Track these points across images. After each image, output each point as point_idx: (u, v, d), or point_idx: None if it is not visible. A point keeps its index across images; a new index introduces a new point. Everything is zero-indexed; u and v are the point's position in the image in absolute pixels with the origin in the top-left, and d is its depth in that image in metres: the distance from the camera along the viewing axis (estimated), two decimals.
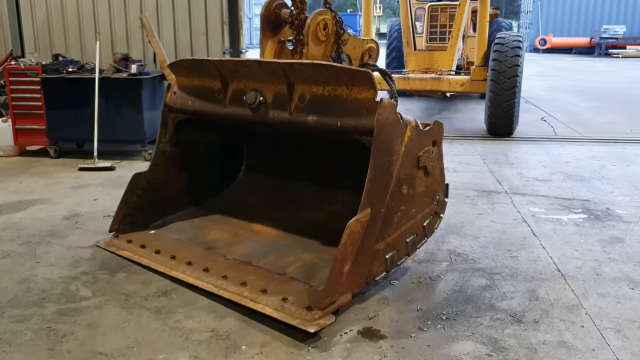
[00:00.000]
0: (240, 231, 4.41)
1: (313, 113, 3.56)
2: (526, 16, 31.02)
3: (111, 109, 7.16)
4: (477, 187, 6.06)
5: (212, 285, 3.66)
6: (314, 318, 3.17)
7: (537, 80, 16.47)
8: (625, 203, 5.54)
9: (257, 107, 3.77)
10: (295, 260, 3.90)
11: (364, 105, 3.35)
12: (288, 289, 3.49)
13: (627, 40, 27.37)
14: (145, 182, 4.41)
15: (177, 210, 4.69)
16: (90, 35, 8.26)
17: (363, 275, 3.43)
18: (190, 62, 4.26)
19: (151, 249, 4.17)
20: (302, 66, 3.58)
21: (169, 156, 4.49)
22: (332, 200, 4.54)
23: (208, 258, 3.99)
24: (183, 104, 4.29)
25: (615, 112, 11.15)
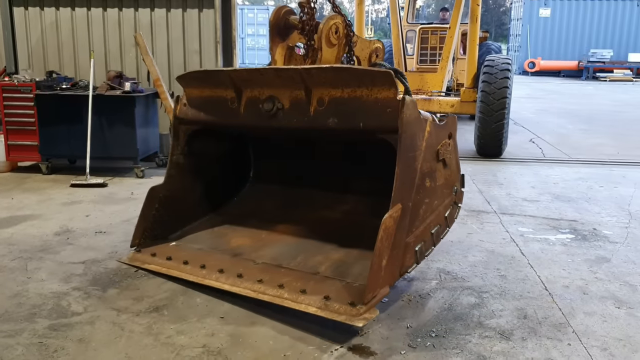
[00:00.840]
0: (262, 236, 4.48)
1: (333, 115, 3.63)
2: (515, 39, 31.47)
3: (104, 126, 7.20)
4: (467, 207, 6.12)
5: (249, 290, 3.71)
6: (360, 313, 3.26)
7: (526, 102, 16.68)
8: (612, 224, 5.62)
9: (275, 113, 3.82)
10: (324, 259, 4.00)
11: (386, 104, 3.43)
12: (326, 287, 3.57)
13: (614, 64, 27.80)
14: (162, 195, 4.43)
15: (194, 220, 4.72)
16: (84, 53, 8.33)
17: (397, 268, 3.52)
18: (202, 73, 4.32)
19: (178, 260, 4.18)
20: (320, 71, 3.66)
21: (183, 167, 4.52)
22: (344, 200, 4.68)
23: (238, 264, 4.03)
24: (195, 115, 4.31)
25: (602, 135, 11.31)
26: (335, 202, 4.72)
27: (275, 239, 4.43)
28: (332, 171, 4.82)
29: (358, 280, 3.58)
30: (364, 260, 3.77)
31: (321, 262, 3.97)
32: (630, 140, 10.71)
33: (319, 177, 4.89)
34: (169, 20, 8.33)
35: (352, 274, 3.74)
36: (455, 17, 9.34)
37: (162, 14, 8.32)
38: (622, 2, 30.32)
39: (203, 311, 3.68)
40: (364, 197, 4.19)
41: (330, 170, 4.82)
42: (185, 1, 8.27)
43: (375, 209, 4.18)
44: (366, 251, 3.80)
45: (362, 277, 3.57)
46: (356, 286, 3.52)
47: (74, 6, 8.39)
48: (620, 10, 29.43)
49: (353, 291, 3.46)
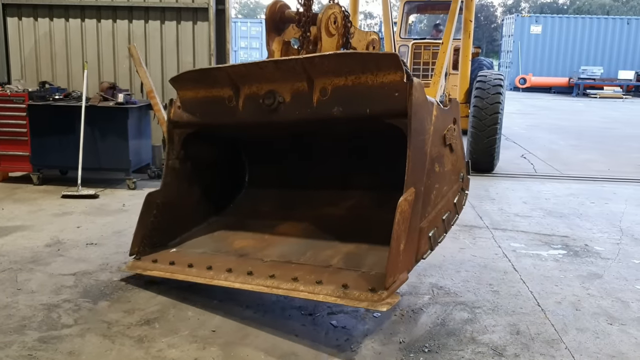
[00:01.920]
0: (265, 236, 4.38)
1: (338, 104, 3.54)
2: (506, 55, 31.72)
3: (96, 137, 7.18)
4: (459, 222, 6.06)
5: (262, 286, 3.61)
6: (382, 298, 3.16)
7: (517, 118, 16.79)
8: (604, 240, 5.65)
9: (276, 108, 3.74)
10: (334, 253, 3.90)
11: (394, 88, 3.35)
12: (342, 277, 3.48)
13: (605, 81, 28.06)
14: (160, 201, 4.33)
15: (192, 226, 4.63)
16: (78, 64, 8.32)
17: (413, 253, 3.43)
18: (197, 72, 4.21)
19: (182, 264, 4.06)
20: (323, 58, 3.57)
21: (179, 173, 4.43)
22: (346, 196, 4.59)
23: (246, 263, 3.92)
24: (190, 118, 4.22)
25: (593, 151, 11.40)
26: (337, 198, 4.63)
27: (280, 238, 4.33)
28: (331, 168, 4.72)
29: (374, 269, 3.50)
30: (376, 252, 3.72)
31: (332, 255, 3.88)
32: (620, 157, 10.79)
33: (317, 176, 4.80)
34: (163, 32, 8.35)
35: (366, 264, 3.64)
36: (448, 32, 9.41)
37: (156, 26, 8.34)
38: (612, 20, 30.72)
39: (194, 324, 3.65)
40: (367, 192, 4.17)
41: (329, 167, 4.73)
42: (180, 13, 8.30)
43: (379, 202, 4.29)
44: (376, 244, 3.79)
45: (378, 267, 3.50)
46: (373, 274, 3.44)
47: (67, 17, 8.40)
48: (610, 28, 29.78)
49: (371, 279, 3.37)
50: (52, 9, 8.39)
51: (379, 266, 3.49)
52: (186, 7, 8.24)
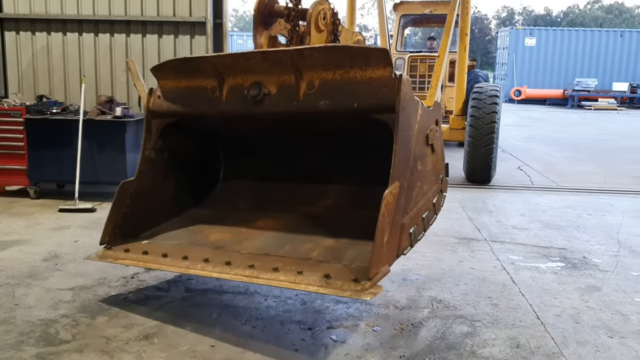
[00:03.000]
0: (242, 230, 4.30)
1: (324, 98, 3.53)
2: (501, 68, 31.90)
3: (94, 151, 7.18)
4: (457, 234, 6.14)
5: (241, 275, 3.54)
6: (365, 288, 3.14)
7: (513, 130, 16.86)
8: (602, 252, 5.66)
9: (261, 99, 3.70)
10: (314, 247, 3.87)
11: (382, 83, 3.36)
12: (324, 268, 3.44)
13: (599, 93, 28.23)
14: (134, 190, 4.22)
15: (166, 218, 4.54)
16: (75, 78, 8.33)
17: (395, 247, 3.40)
18: (181, 61, 4.08)
19: (156, 254, 3.95)
20: (313, 51, 3.55)
21: (154, 163, 4.35)
22: (323, 195, 4.58)
23: (223, 255, 3.82)
24: (170, 108, 4.14)
25: (589, 163, 11.44)
26: (315, 197, 4.60)
27: (257, 232, 4.24)
28: (309, 166, 4.67)
29: (354, 262, 3.47)
30: (356, 246, 3.74)
31: (311, 249, 3.82)
32: (616, 169, 10.83)
33: (294, 173, 4.75)
34: (161, 46, 8.37)
35: (346, 258, 3.61)
36: (444, 45, 9.48)
37: (153, 39, 8.36)
38: (606, 33, 30.95)
39: (193, 339, 3.63)
40: (344, 190, 4.18)
41: (307, 165, 4.68)
42: (177, 27, 8.33)
43: (357, 201, 4.34)
44: (356, 239, 3.81)
45: (358, 260, 3.49)
46: (354, 267, 3.41)
47: (65, 31, 8.41)
48: (604, 40, 30.02)
49: (353, 270, 3.36)
50: (50, 23, 8.41)
51: (359, 260, 3.49)
52: (184, 21, 8.26)
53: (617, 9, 69.83)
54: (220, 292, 4.43)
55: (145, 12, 8.32)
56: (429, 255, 5.43)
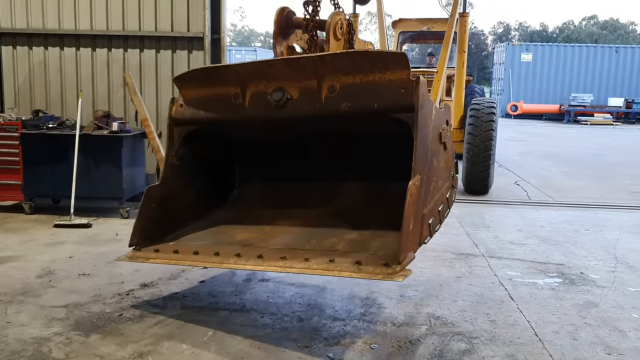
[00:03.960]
0: (266, 229, 4.47)
1: (345, 100, 3.73)
2: (498, 83, 32.05)
3: (90, 166, 7.15)
4: (455, 250, 6.12)
5: (274, 266, 3.70)
6: (396, 271, 3.32)
7: (509, 144, 16.89)
8: (599, 267, 5.64)
9: (284, 104, 3.86)
10: (338, 240, 4.06)
11: (400, 84, 3.58)
12: (353, 257, 3.61)
13: (595, 108, 28.37)
14: (159, 195, 4.36)
15: (189, 221, 4.67)
16: (72, 92, 8.33)
17: (418, 236, 3.58)
18: (203, 70, 4.30)
19: (187, 252, 4.08)
20: (335, 57, 3.79)
21: (177, 169, 4.50)
22: (340, 195, 4.79)
23: (253, 250, 3.95)
24: (193, 115, 4.30)
25: (585, 178, 11.45)
26: (331, 196, 4.80)
27: (281, 230, 4.44)
28: (324, 169, 4.86)
29: (380, 251, 3.66)
30: (379, 238, 3.95)
31: (336, 242, 4.03)
32: (613, 184, 10.84)
33: (310, 176, 4.92)
34: (158, 61, 8.39)
35: (372, 248, 3.81)
36: (442, 62, 9.56)
37: (151, 54, 8.38)
38: (601, 48, 31.17)
39: (189, 358, 3.59)
40: (360, 191, 4.51)
41: (323, 168, 4.86)
42: (175, 42, 8.35)
43: (373, 199, 4.60)
44: (377, 232, 4.04)
45: (384, 249, 3.67)
46: (381, 254, 3.59)
47: (62, 46, 8.43)
48: (599, 56, 30.22)
49: (382, 257, 3.52)
50: (47, 38, 8.42)
51: (384, 249, 3.68)
52: (181, 37, 8.29)
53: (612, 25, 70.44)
54: (216, 309, 4.39)
55: (143, 27, 8.34)
56: (426, 271, 5.40)
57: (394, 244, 3.54)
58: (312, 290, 4.84)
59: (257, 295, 4.70)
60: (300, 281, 5.05)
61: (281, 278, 5.12)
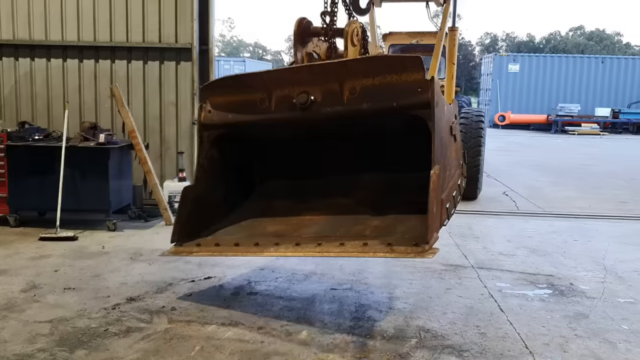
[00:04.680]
0: (293, 221, 4.77)
1: (366, 101, 4.10)
2: (485, 93, 32.25)
3: (76, 178, 7.07)
4: (444, 261, 6.10)
5: (312, 252, 4.10)
6: (425, 250, 3.70)
7: (498, 155, 16.93)
8: (588, 278, 5.64)
9: (309, 106, 4.21)
10: (365, 227, 4.43)
11: (417, 84, 3.93)
12: (384, 240, 3.96)
13: (582, 118, 28.59)
14: (193, 195, 4.68)
15: (220, 217, 4.96)
16: (59, 104, 8.25)
17: (439, 219, 3.95)
18: (231, 78, 4.72)
19: (228, 244, 4.42)
20: (356, 62, 4.34)
21: (207, 170, 4.78)
22: (356, 188, 5.08)
23: (289, 240, 4.28)
24: (222, 119, 4.62)
25: (574, 188, 11.49)
26: (348, 190, 5.08)
27: (309, 221, 4.75)
28: (340, 166, 5.15)
29: (407, 234, 4.01)
30: (402, 223, 4.32)
31: (363, 229, 4.38)
32: (601, 194, 10.90)
33: (328, 172, 5.21)
34: (146, 72, 8.35)
35: (397, 232, 4.16)
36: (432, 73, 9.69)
37: (139, 65, 8.34)
38: (588, 59, 31.49)
39: None
40: (374, 184, 4.97)
41: (338, 165, 5.16)
42: (163, 53, 8.32)
43: (388, 189, 4.96)
44: (398, 218, 4.43)
45: (409, 233, 4.02)
46: (408, 237, 3.92)
47: (49, 57, 8.37)
48: (585, 66, 30.51)
49: (410, 239, 3.86)
50: (34, 49, 8.36)
51: (410, 232, 4.03)
52: (169, 47, 8.26)
53: (597, 35, 71.24)
54: (203, 323, 4.33)
55: (130, 38, 8.31)
56: (416, 283, 5.38)
57: (417, 227, 3.96)
58: (300, 304, 4.80)
59: (246, 309, 4.64)
60: (289, 295, 5.01)
61: (270, 291, 5.07)
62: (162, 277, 5.38)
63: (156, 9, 8.22)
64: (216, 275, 5.49)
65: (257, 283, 5.30)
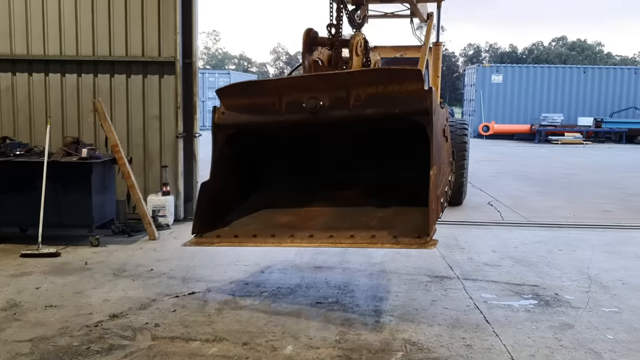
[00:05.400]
0: (302, 212, 5.18)
1: (370, 107, 4.52)
2: (469, 104, 32.45)
3: (59, 193, 6.99)
4: (430, 272, 6.09)
5: (325, 243, 4.56)
6: (427, 242, 4.19)
7: (482, 165, 17.01)
8: (573, 288, 5.65)
9: (317, 110, 4.58)
10: (369, 219, 4.85)
11: (416, 93, 4.39)
12: (389, 232, 4.43)
13: (565, 127, 28.84)
14: (210, 188, 5.01)
15: (234, 210, 5.30)
16: (41, 118, 8.17)
17: (437, 214, 4.44)
18: (246, 84, 5.06)
19: (246, 235, 4.82)
20: (362, 73, 4.91)
21: (221, 166, 5.11)
22: (355, 183, 5.50)
23: (302, 232, 4.69)
24: (235, 120, 4.96)
25: (558, 197, 11.57)
26: (348, 184, 5.49)
27: (317, 212, 5.16)
28: (339, 163, 5.56)
29: (408, 227, 4.46)
30: (402, 215, 4.79)
31: (368, 220, 4.81)
32: (584, 203, 10.98)
33: (328, 169, 5.59)
34: (129, 86, 8.32)
35: (399, 223, 4.61)
36: None
37: (122, 79, 8.31)
38: (570, 69, 31.82)
39: None
40: (372, 180, 5.44)
41: (338, 163, 5.56)
42: (146, 67, 8.30)
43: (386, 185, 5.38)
44: (398, 210, 4.91)
45: (410, 225, 4.48)
46: (409, 230, 4.39)
47: (31, 71, 8.32)
48: (568, 76, 30.82)
49: (412, 231, 4.35)
50: (15, 63, 8.30)
51: (410, 225, 4.48)
52: (152, 61, 8.24)
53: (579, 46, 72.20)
54: (187, 340, 4.28)
55: (113, 52, 8.28)
56: (402, 295, 5.37)
57: (416, 220, 4.47)
58: (286, 318, 4.76)
59: (230, 325, 4.60)
60: (274, 309, 4.97)
61: (255, 306, 5.04)
62: (146, 293, 5.32)
63: (139, 23, 8.21)
64: (200, 290, 5.44)
65: (242, 298, 5.26)
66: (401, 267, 6.27)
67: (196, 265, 6.27)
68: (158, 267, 6.19)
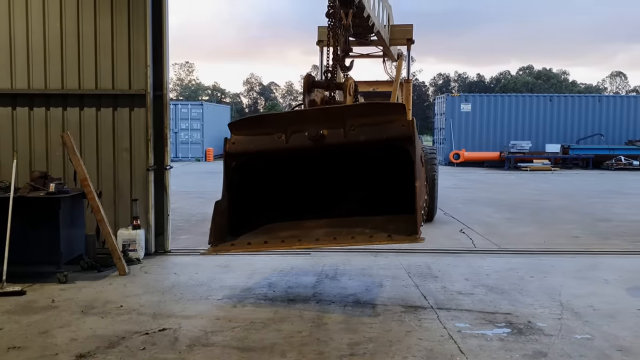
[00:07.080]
0: (303, 225, 6.01)
1: (362, 134, 5.53)
2: (440, 132, 32.91)
3: (25, 229, 6.82)
4: (404, 302, 6.08)
5: (329, 244, 5.72)
6: (416, 238, 5.22)
7: (453, 192, 17.17)
8: (545, 315, 5.69)
9: (319, 138, 5.56)
10: (365, 226, 5.75)
11: (401, 123, 5.47)
12: (385, 233, 5.47)
13: (533, 154, 29.38)
14: (222, 207, 5.83)
15: (242, 225, 6.03)
16: (7, 153, 8.00)
17: (420, 219, 5.35)
18: (254, 118, 6.24)
19: (258, 243, 5.77)
20: (354, 107, 6.07)
21: (232, 188, 5.90)
22: (347, 201, 6.40)
23: (308, 238, 5.68)
24: (245, 148, 5.82)
25: (528, 224, 11.71)
26: (343, 200, 6.42)
27: (316, 226, 5.99)
28: (330, 184, 6.44)
29: (399, 229, 5.44)
30: (392, 222, 5.68)
31: (364, 228, 5.71)
32: (554, 229, 11.12)
33: (326, 186, 6.44)
34: (99, 120, 8.24)
35: (391, 228, 5.54)
36: None
37: (92, 112, 8.24)
38: (536, 98, 32.58)
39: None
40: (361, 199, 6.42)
41: (329, 183, 6.44)
42: (116, 100, 8.24)
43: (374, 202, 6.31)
44: (388, 219, 5.78)
45: (400, 229, 5.44)
46: (402, 230, 5.39)
47: None
48: (535, 104, 31.51)
49: (403, 232, 5.38)
50: None
51: (400, 228, 5.45)
52: (123, 94, 8.19)
53: (545, 75, 74.14)
54: None
55: (83, 85, 8.22)
56: (376, 326, 5.34)
57: (404, 224, 5.41)
58: (258, 354, 4.68)
59: None
60: (246, 345, 4.89)
61: (227, 342, 4.95)
62: (115, 331, 5.19)
63: (109, 56, 8.18)
64: (171, 326, 5.33)
65: (214, 333, 5.16)
66: (376, 298, 6.25)
67: (167, 300, 6.15)
68: (128, 303, 6.06)
